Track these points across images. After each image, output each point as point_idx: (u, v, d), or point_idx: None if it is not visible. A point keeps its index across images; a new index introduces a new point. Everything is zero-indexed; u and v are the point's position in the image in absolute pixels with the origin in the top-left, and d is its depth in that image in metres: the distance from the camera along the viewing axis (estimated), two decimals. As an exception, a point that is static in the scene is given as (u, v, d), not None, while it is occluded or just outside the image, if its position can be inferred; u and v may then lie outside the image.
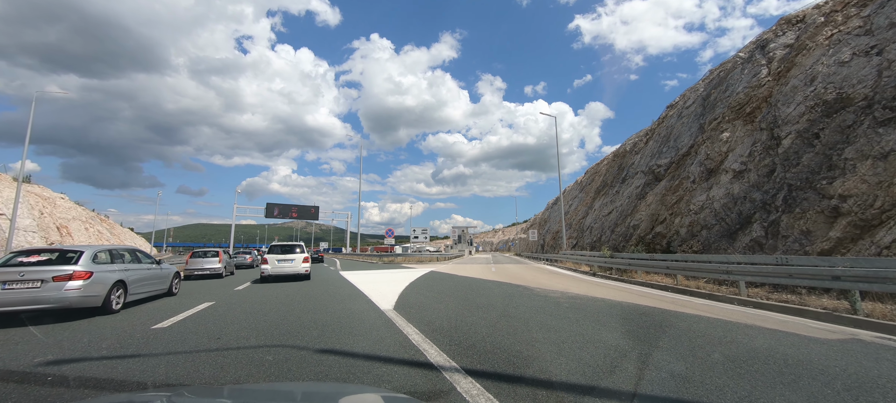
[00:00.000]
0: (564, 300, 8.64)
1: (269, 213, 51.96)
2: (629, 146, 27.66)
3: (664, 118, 23.22)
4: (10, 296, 6.52)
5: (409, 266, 24.83)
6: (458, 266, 23.65)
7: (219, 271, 17.29)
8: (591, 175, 36.87)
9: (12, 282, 6.61)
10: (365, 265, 27.33)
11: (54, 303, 6.70)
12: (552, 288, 11.15)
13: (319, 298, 9.51)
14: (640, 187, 20.45)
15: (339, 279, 15.25)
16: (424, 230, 32.07)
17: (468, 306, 7.89)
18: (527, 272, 18.99)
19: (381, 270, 21.27)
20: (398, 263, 30.34)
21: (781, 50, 14.65)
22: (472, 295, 9.57)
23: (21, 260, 7.29)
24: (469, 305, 8.00)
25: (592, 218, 26.75)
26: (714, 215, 12.92)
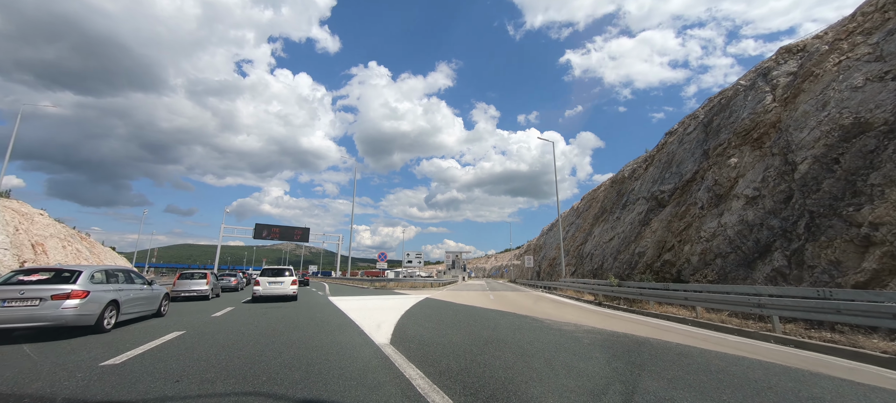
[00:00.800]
0: (582, 334, 7.73)
1: (258, 234, 50.33)
2: (628, 172, 27.39)
3: (663, 145, 23.02)
4: (8, 313, 6.66)
5: (403, 292, 23.63)
6: (455, 293, 22.55)
7: (206, 293, 17.12)
8: (589, 201, 36.50)
9: (12, 300, 6.77)
10: (355, 290, 26.00)
11: (51, 321, 6.81)
12: (562, 320, 10.23)
13: (305, 327, 8.46)
14: (642, 214, 19.90)
15: (327, 306, 14.12)
16: (418, 255, 30.91)
17: (476, 340, 6.94)
18: (527, 300, 18.01)
19: (372, 296, 20.07)
20: (390, 288, 29.05)
21: (785, 77, 14.53)
22: (477, 327, 8.60)
23: (21, 279, 7.29)
24: (477, 339, 7.05)
25: (592, 245, 26.05)
26: (728, 242, 12.28)
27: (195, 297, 17.04)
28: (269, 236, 50.75)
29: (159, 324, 9.10)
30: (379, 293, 22.16)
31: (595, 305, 15.71)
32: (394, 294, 21.21)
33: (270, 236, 50.78)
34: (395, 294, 21.20)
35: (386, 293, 22.08)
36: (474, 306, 14.30)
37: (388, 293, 21.97)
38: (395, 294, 21.26)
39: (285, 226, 52.73)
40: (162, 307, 10.59)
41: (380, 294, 21.08)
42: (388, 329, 8.18)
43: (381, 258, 30.68)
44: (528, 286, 37.94)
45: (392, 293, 22.16)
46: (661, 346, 6.62)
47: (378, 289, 28.97)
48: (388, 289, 28.28)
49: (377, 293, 22.11)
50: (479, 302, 16.05)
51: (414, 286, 29.66)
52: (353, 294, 21.20)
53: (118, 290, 8.39)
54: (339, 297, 18.88)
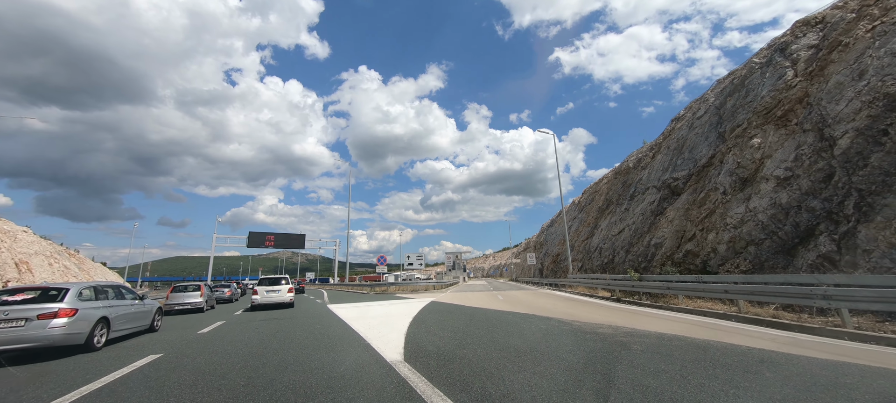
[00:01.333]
0: (626, 338, 6.69)
1: (252, 243, 48.85)
2: (632, 162, 26.51)
3: (670, 131, 22.15)
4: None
5: (405, 297, 22.50)
6: (460, 295, 21.46)
7: (200, 305, 16.90)
8: (591, 195, 35.61)
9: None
10: (355, 297, 24.81)
11: (38, 342, 6.62)
12: (591, 320, 9.20)
13: (302, 342, 7.34)
14: (654, 203, 18.97)
15: (326, 315, 12.97)
16: (419, 256, 29.74)
17: (506, 352, 5.87)
18: (540, 299, 16.97)
19: (374, 302, 18.92)
20: (392, 293, 27.89)
21: (806, 51, 13.66)
22: (500, 335, 7.53)
23: (5, 299, 7.10)
24: (506, 350, 5.98)
25: (600, 238, 25.09)
26: (761, 228, 11.33)
27: (190, 310, 16.68)
28: (264, 245, 49.30)
29: (140, 343, 7.95)
30: (380, 299, 21.02)
31: (613, 301, 14.72)
32: (396, 299, 20.08)
33: (265, 244, 49.33)
34: (397, 299, 20.07)
35: (388, 299, 20.94)
36: (487, 308, 13.24)
37: (391, 299, 20.83)
38: (398, 299, 20.13)
39: (280, 233, 51.29)
40: (155, 322, 10.36)
41: (381, 300, 19.94)
42: (399, 342, 7.09)
43: (381, 261, 29.54)
44: (531, 284, 36.94)
45: (394, 298, 21.02)
46: (731, 350, 5.58)
47: (378, 294, 27.81)
48: (389, 294, 27.13)
49: (378, 299, 20.97)
50: (490, 304, 14.98)
51: (415, 290, 28.54)
52: (354, 301, 20.03)
53: (108, 306, 8.19)
54: (338, 305, 17.71)
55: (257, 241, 48.70)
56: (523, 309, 12.63)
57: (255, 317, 13.31)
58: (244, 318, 13.32)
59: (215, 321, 12.78)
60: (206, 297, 17.70)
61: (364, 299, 21.76)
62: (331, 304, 18.35)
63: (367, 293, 28.98)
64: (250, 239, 48.64)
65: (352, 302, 18.92)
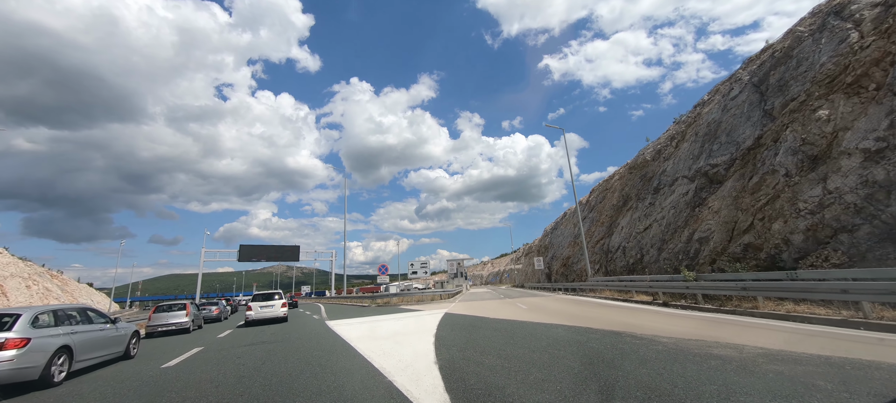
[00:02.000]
0: (770, 363, 4.62)
1: (243, 257, 46.25)
2: (650, 155, 24.69)
3: (695, 118, 20.38)
4: None
5: (412, 308, 20.27)
6: (474, 305, 19.28)
7: (185, 325, 15.74)
8: (602, 193, 33.74)
9: None
10: (356, 311, 22.49)
11: None
12: (674, 333, 7.14)
13: (298, 384, 5.16)
14: (689, 194, 17.06)
15: (326, 335, 10.78)
16: (424, 264, 27.26)
17: (607, 392, 3.77)
18: (569, 306, 14.88)
19: (379, 316, 16.69)
20: (395, 305, 25.59)
21: (870, 9, 11.95)
22: (573, 361, 5.41)
23: None
24: (609, 389, 3.88)
25: (622, 237, 23.12)
26: (853, 211, 9.40)
27: (174, 331, 15.55)
28: (256, 259, 46.73)
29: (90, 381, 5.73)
30: (385, 312, 18.76)
31: (658, 305, 12.69)
32: (404, 313, 17.85)
33: (257, 258, 46.76)
34: (405, 313, 17.84)
35: (394, 312, 18.69)
36: (518, 320, 11.12)
37: (397, 312, 18.58)
38: (406, 312, 17.91)
39: (273, 246, 48.78)
40: (131, 348, 9.35)
41: (387, 314, 17.68)
42: (432, 374, 4.98)
43: (382, 270, 27.28)
44: (542, 290, 34.84)
45: (401, 311, 18.77)
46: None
47: (381, 306, 25.51)
48: (392, 306, 24.83)
49: (383, 312, 18.72)
50: (516, 314, 12.86)
51: (421, 301, 26.29)
52: (356, 315, 17.75)
53: (71, 333, 7.23)
54: (339, 321, 15.46)
55: (249, 254, 46.13)
56: (562, 319, 10.53)
57: (241, 340, 11.10)
58: (227, 342, 11.09)
59: (193, 346, 10.56)
60: (192, 316, 16.45)
61: (367, 313, 19.49)
62: (330, 320, 16.10)
63: (368, 306, 26.64)
64: (241, 253, 46.06)
65: (354, 318, 16.67)
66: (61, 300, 64.06)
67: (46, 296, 64.73)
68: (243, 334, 13.00)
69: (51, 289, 69.02)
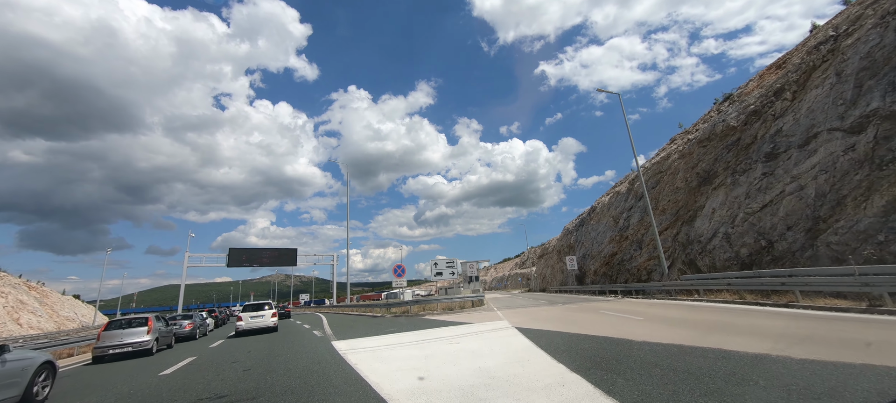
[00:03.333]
0: None
1: (233, 262, 40.78)
2: (734, 120, 19.56)
3: (830, 52, 15.26)
4: None
5: (445, 320, 14.97)
6: (536, 314, 13.99)
7: (146, 345, 12.85)
8: (655, 176, 28.47)
9: None
10: (370, 324, 17.11)
11: None
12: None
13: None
14: (857, 149, 11.87)
15: (337, 371, 5.56)
16: (451, 263, 21.84)
17: None
18: (721, 316, 9.61)
19: (411, 334, 11.32)
20: (417, 314, 20.22)
21: None
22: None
23: None
24: None
25: (715, 222, 17.87)
26: None
27: (131, 353, 12.57)
28: (248, 263, 41.25)
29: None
30: (414, 327, 13.39)
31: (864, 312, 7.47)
32: (444, 327, 12.46)
33: (249, 262, 41.27)
34: (445, 327, 12.46)
35: (427, 327, 13.28)
36: (667, 343, 5.84)
37: (433, 326, 13.15)
38: (445, 326, 12.56)
39: (267, 249, 43.32)
40: (36, 388, 6.35)
41: (421, 330, 12.29)
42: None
43: (397, 272, 22.04)
44: (580, 294, 29.51)
45: (436, 326, 13.38)
46: None
47: (398, 317, 20.13)
48: (414, 316, 19.47)
49: (412, 327, 13.34)
50: (643, 331, 7.59)
51: (449, 308, 20.91)
52: (374, 332, 12.34)
53: None
54: (353, 342, 10.13)
55: (239, 259, 40.63)
56: (746, 344, 5.27)
57: (194, 382, 5.77)
58: (176, 382, 5.84)
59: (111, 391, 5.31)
60: (156, 333, 13.48)
61: (386, 327, 14.10)
62: (339, 340, 10.78)
63: (383, 317, 21.25)
64: (231, 257, 40.58)
65: (374, 336, 11.27)
66: (38, 313, 58.55)
67: (20, 309, 59.01)
68: (198, 373, 7.68)
69: (26, 301, 63.18)
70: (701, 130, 23.34)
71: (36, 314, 59.15)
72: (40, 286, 76.25)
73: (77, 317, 67.67)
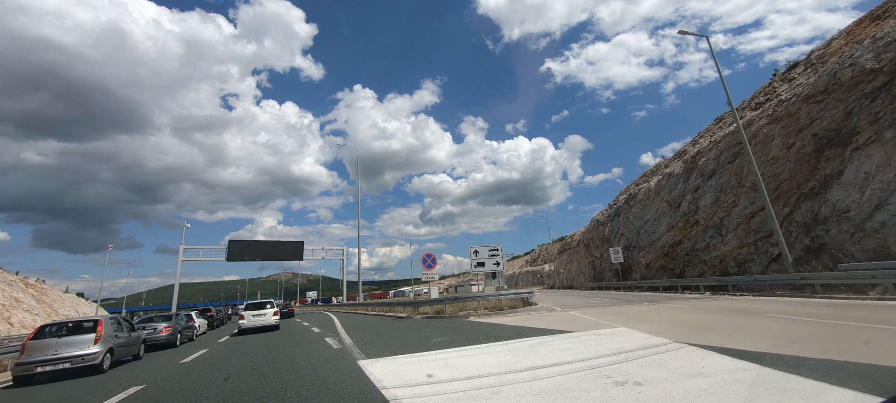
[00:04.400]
0: None
1: (233, 255, 36.83)
2: (874, 62, 14.80)
3: None
4: None
5: (497, 322, 10.57)
6: (622, 312, 9.52)
7: (93, 360, 9.26)
8: (731, 147, 23.62)
9: None
10: (400, 328, 12.74)
11: None
12: None
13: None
14: None
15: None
16: (494, 250, 17.23)
17: None
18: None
19: (488, 345, 6.90)
20: (453, 315, 15.86)
21: None
22: None
23: None
24: None
25: (875, 192, 13.18)
26: None
27: (70, 371, 9.27)
28: (250, 257, 37.24)
29: None
30: (480, 338, 8.95)
31: None
32: (529, 337, 8.02)
33: (250, 255, 37.26)
34: (530, 337, 8.02)
35: (497, 338, 8.83)
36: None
37: (506, 338, 8.69)
38: (531, 336, 8.14)
39: (271, 242, 39.29)
40: None
41: (491, 342, 7.83)
42: None
43: (428, 262, 17.75)
44: (634, 290, 24.91)
45: (514, 337, 8.93)
46: None
47: (428, 317, 15.80)
48: (450, 317, 15.10)
49: (478, 339, 8.89)
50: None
51: (495, 307, 16.51)
52: (423, 346, 7.92)
53: None
54: (392, 361, 5.75)
55: (240, 252, 36.64)
56: None
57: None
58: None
59: None
60: (109, 343, 9.98)
61: (436, 336, 9.67)
62: (370, 358, 6.44)
63: (410, 317, 16.93)
64: (230, 250, 36.61)
65: (426, 352, 6.86)
66: (32, 313, 55.63)
67: (15, 307, 56.12)
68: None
69: (21, 299, 60.26)
70: (806, 86, 18.59)
71: (32, 313, 55.88)
72: (39, 284, 73.30)
73: (79, 316, 64.40)
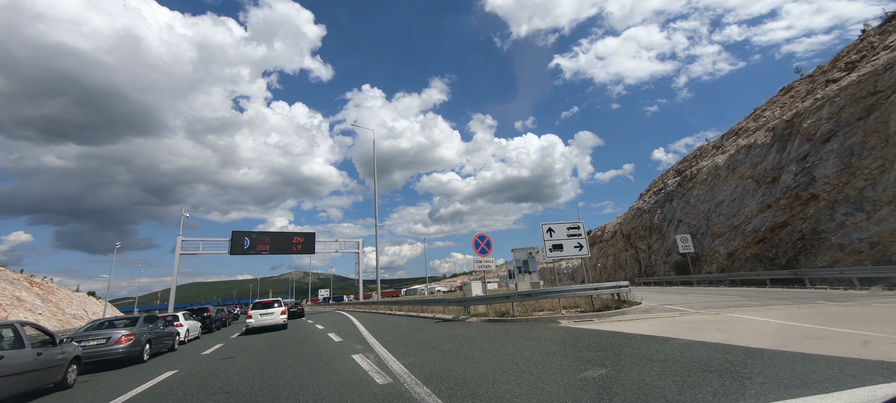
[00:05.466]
0: None
1: (235, 248, 32.71)
2: None
3: None
4: None
5: (622, 324, 5.81)
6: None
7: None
8: (856, 100, 18.28)
9: None
10: (472, 340, 8.08)
11: None
12: None
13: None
14: None
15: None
16: (574, 228, 12.23)
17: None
18: None
19: None
20: (522, 317, 11.15)
21: None
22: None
23: None
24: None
25: None
26: None
27: None
28: (254, 249, 33.06)
29: None
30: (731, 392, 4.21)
31: None
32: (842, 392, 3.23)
33: (255, 248, 33.07)
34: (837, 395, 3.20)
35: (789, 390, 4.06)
36: None
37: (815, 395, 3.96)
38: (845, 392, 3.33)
39: (278, 233, 35.09)
40: None
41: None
42: None
43: (480, 245, 13.26)
44: (714, 285, 19.83)
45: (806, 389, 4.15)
46: None
47: (487, 320, 11.10)
48: (520, 320, 10.40)
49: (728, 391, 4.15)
50: None
51: (572, 306, 11.74)
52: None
53: None
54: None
55: (244, 243, 32.48)
56: None
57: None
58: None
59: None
60: (20, 361, 6.44)
61: (566, 365, 5.00)
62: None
63: (455, 320, 12.30)
64: (234, 242, 32.47)
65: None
66: (36, 313, 52.92)
67: (14, 307, 53.35)
68: None
69: (24, 298, 57.48)
70: None
71: (35, 313, 52.78)
72: (45, 282, 70.73)
73: (87, 315, 61.60)
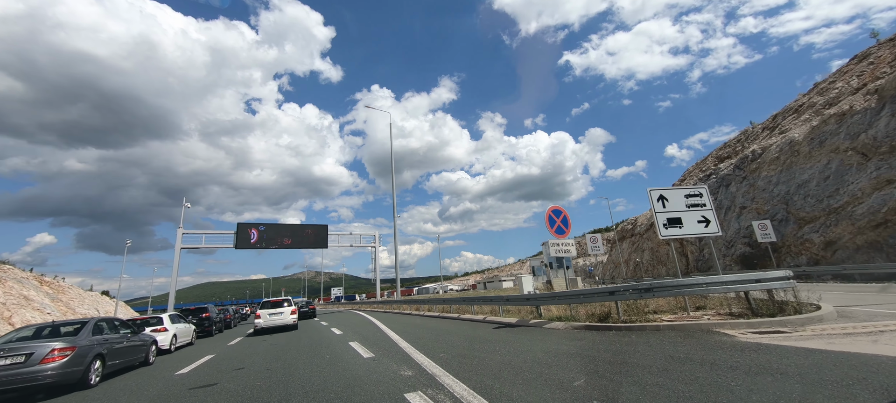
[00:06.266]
0: None
1: (241, 242, 29.62)
2: None
3: None
4: None
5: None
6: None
7: None
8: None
9: None
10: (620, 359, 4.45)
11: None
12: None
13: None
14: None
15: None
16: (696, 196, 8.98)
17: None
18: None
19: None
20: (627, 322, 7.56)
21: None
22: None
23: None
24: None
25: None
26: None
27: None
28: (261, 244, 29.91)
29: None
30: None
31: None
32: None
33: (262, 242, 29.91)
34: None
35: None
36: None
37: None
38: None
39: (288, 224, 31.91)
40: None
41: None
42: None
43: (557, 223, 9.89)
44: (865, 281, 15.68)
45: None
46: None
47: (591, 328, 7.46)
48: (635, 328, 6.77)
49: None
50: None
51: (699, 308, 8.04)
52: None
53: None
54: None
55: (248, 239, 29.33)
56: None
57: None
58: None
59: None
60: None
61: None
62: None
63: (529, 325, 8.71)
64: (239, 235, 29.34)
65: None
66: (44, 312, 51.05)
67: (24, 306, 51.49)
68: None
69: (32, 297, 55.64)
70: None
71: (43, 312, 50.61)
72: (56, 281, 68.96)
73: (99, 314, 59.85)
